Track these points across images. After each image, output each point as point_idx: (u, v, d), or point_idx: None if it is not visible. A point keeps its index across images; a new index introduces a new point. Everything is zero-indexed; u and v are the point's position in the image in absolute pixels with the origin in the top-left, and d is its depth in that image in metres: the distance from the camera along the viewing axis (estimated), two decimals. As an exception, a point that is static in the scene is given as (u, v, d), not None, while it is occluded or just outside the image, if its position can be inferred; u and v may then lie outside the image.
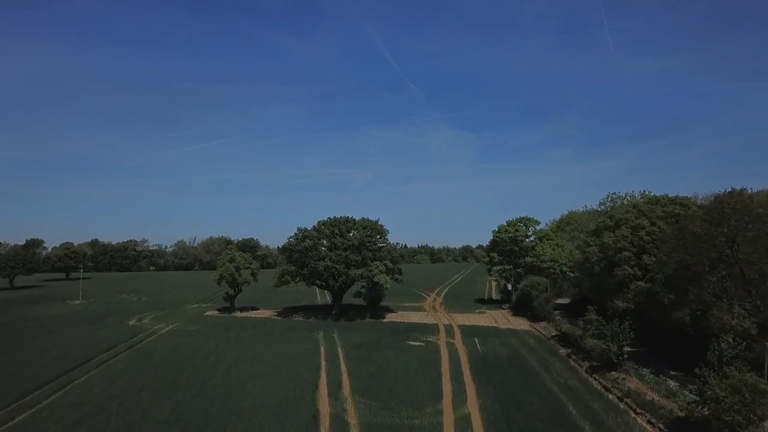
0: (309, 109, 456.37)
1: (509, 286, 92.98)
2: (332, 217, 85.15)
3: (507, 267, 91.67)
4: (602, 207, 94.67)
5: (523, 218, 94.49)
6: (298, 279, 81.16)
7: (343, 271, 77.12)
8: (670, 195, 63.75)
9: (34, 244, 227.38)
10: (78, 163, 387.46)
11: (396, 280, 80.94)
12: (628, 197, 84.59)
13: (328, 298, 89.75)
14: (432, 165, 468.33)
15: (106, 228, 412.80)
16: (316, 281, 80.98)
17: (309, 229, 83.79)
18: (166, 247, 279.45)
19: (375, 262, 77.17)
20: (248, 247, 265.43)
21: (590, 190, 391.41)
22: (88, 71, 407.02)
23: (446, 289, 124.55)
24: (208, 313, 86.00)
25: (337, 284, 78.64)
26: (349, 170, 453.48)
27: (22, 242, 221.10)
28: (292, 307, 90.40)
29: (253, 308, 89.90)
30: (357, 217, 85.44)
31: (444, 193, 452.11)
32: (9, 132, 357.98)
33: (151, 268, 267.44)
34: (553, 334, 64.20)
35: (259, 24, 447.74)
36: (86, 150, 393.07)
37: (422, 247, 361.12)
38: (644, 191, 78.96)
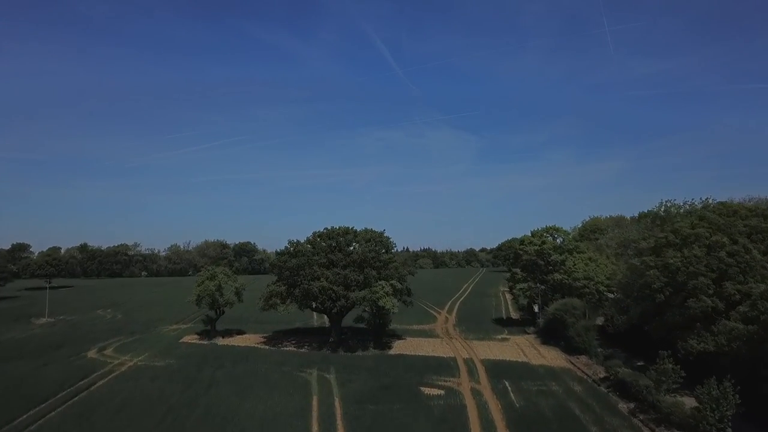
0: (309, 110, 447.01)
1: (535, 308, 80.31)
2: (329, 228, 72.75)
3: (533, 285, 78.86)
4: (650, 216, 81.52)
5: (550, 228, 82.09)
6: (288, 301, 68.56)
7: (341, 293, 64.51)
8: (748, 203, 51.42)
9: (19, 248, 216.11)
10: (73, 165, 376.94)
11: (404, 302, 68.67)
12: (687, 205, 71.79)
13: (326, 320, 77.44)
14: (432, 166, 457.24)
15: (99, 231, 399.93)
16: (310, 304, 68.22)
17: (302, 242, 71.45)
18: (159, 251, 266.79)
19: (380, 282, 64.68)
20: (245, 251, 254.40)
21: (592, 192, 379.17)
22: (85, 72, 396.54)
23: (457, 304, 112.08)
24: (185, 338, 73.77)
25: (335, 308, 65.97)
26: (349, 171, 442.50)
27: (7, 246, 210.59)
28: (284, 331, 78.37)
29: (239, 332, 77.77)
30: (358, 226, 73.47)
31: (444, 194, 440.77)
32: (4, 132, 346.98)
33: (143, 273, 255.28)
34: (602, 376, 51.94)
35: (259, 25, 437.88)
36: (81, 151, 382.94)
37: (425, 250, 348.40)
38: (707, 198, 65.96)
